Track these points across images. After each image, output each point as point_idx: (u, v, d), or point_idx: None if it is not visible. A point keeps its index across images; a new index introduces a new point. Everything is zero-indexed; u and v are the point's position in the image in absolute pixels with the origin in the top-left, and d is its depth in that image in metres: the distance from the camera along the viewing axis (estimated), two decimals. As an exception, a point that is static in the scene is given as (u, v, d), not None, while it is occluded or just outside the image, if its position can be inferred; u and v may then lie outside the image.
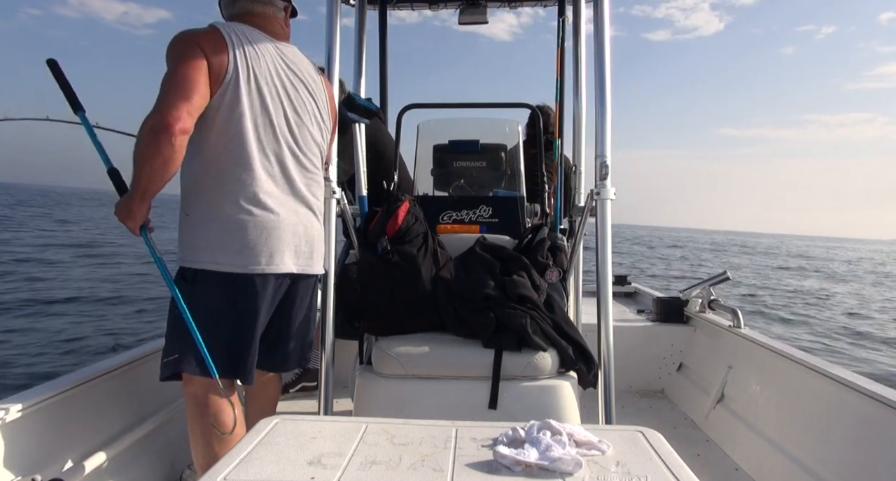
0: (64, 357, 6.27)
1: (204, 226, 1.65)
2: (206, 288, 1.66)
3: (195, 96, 1.54)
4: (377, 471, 1.02)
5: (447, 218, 2.53)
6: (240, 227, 1.65)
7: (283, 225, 1.72)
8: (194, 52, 1.57)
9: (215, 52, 1.60)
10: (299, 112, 1.79)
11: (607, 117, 2.06)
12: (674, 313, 3.43)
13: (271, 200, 1.70)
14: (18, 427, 1.60)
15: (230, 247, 1.64)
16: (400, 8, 3.00)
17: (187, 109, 1.52)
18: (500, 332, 1.86)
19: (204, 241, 1.64)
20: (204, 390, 1.66)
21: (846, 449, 1.96)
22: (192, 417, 1.69)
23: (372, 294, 2.09)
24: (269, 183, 1.70)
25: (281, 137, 1.74)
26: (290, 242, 1.74)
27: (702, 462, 2.43)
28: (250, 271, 1.67)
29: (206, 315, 1.65)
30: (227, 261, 1.64)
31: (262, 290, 1.70)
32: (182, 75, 1.54)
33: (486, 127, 2.88)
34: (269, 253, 1.69)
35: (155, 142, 1.48)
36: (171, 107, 1.50)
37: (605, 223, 2.03)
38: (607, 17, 2.14)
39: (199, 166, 1.66)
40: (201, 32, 1.64)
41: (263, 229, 1.67)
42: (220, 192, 1.65)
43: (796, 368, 2.31)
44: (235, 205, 1.65)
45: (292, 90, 1.77)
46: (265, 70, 1.70)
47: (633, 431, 1.22)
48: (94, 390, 1.91)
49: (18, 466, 1.58)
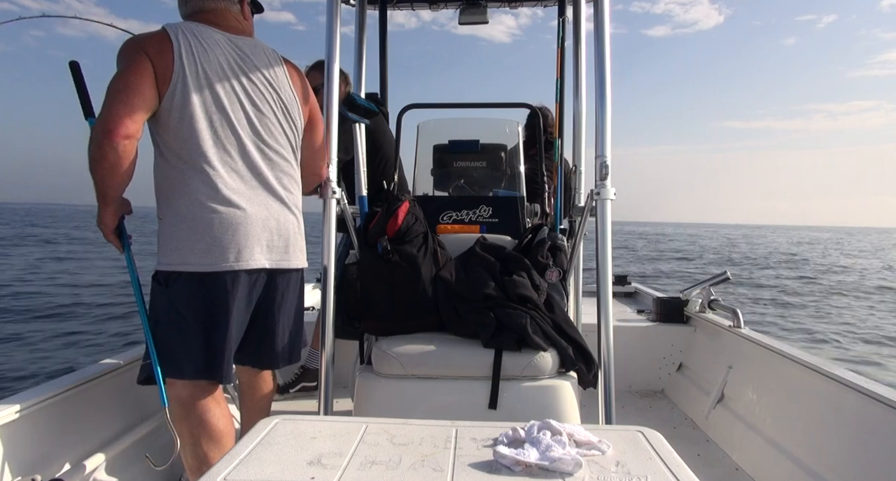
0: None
1: (172, 228, 1.66)
2: (178, 289, 1.65)
3: (137, 100, 1.56)
4: (377, 471, 1.02)
5: (447, 218, 2.53)
6: (205, 226, 1.64)
7: (252, 220, 1.70)
8: (138, 56, 1.59)
9: (160, 53, 1.61)
10: (259, 104, 1.77)
11: (607, 117, 2.06)
12: (674, 313, 3.43)
13: (236, 196, 1.69)
14: (18, 427, 1.60)
15: (198, 247, 1.64)
16: (400, 8, 3.00)
17: (128, 114, 1.54)
18: (500, 332, 1.86)
19: (174, 243, 1.65)
20: (188, 391, 1.67)
21: (846, 449, 1.95)
22: (179, 418, 1.69)
23: (372, 294, 2.09)
24: (233, 179, 1.69)
25: (242, 132, 1.72)
26: (261, 237, 1.73)
27: (702, 462, 2.43)
28: (219, 269, 1.65)
29: (178, 316, 1.65)
30: (196, 261, 1.64)
31: (234, 288, 1.68)
32: (124, 81, 1.56)
33: (486, 127, 2.88)
34: (238, 249, 1.67)
35: (99, 148, 1.52)
36: (112, 113, 1.53)
37: (605, 223, 2.02)
38: (607, 17, 2.14)
39: (161, 169, 1.68)
40: (147, 36, 1.65)
41: (230, 225, 1.66)
42: (182, 193, 1.65)
43: (796, 368, 2.31)
44: (199, 204, 1.64)
45: (249, 83, 1.75)
46: (216, 65, 1.69)
47: (633, 431, 1.22)
48: (94, 390, 1.91)
49: (18, 466, 1.58)
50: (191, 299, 1.66)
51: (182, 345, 1.65)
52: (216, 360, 1.68)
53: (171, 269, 1.65)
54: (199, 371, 1.67)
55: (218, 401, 1.72)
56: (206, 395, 1.69)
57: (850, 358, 8.22)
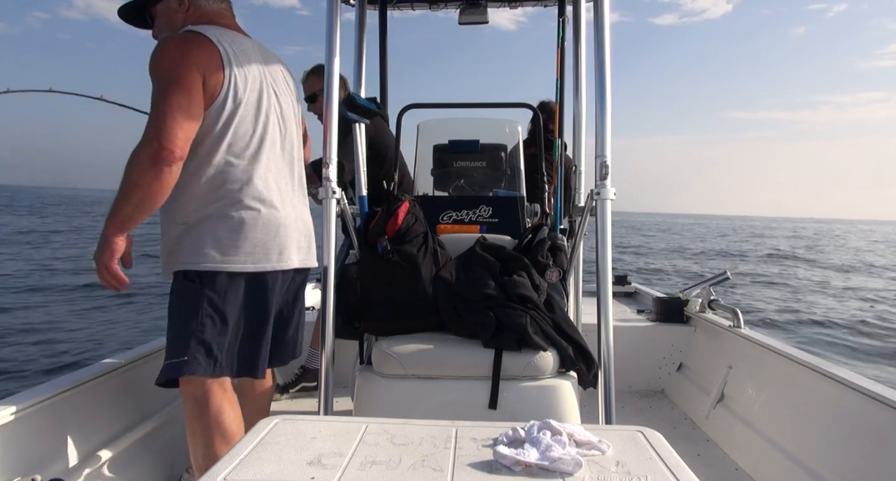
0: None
1: (208, 228, 1.64)
2: (218, 287, 1.65)
3: (193, 122, 1.52)
4: (377, 471, 1.02)
5: (447, 218, 2.53)
6: (250, 226, 1.66)
7: (288, 221, 1.74)
8: (190, 73, 1.53)
9: (209, 62, 1.58)
10: (283, 105, 1.80)
11: (607, 117, 2.06)
12: (674, 313, 3.43)
13: (275, 197, 1.71)
14: (18, 427, 1.60)
15: (243, 247, 1.65)
16: (400, 7, 3.00)
17: (186, 138, 1.50)
18: (500, 332, 1.86)
19: (211, 242, 1.63)
20: (203, 390, 1.66)
21: (846, 449, 1.95)
22: (193, 417, 1.68)
23: (372, 294, 2.09)
24: (271, 179, 1.72)
25: (276, 133, 1.75)
26: (294, 238, 1.77)
27: (702, 462, 2.43)
28: (262, 269, 1.68)
29: (218, 314, 1.64)
30: (241, 260, 1.65)
31: (273, 287, 1.73)
32: (185, 100, 1.51)
33: (486, 127, 2.88)
34: (279, 250, 1.71)
35: (154, 169, 1.46)
36: (173, 136, 1.47)
37: (605, 223, 2.02)
38: (607, 17, 2.14)
39: (194, 172, 1.63)
40: (193, 45, 1.59)
41: (271, 226, 1.69)
42: (224, 195, 1.64)
43: (796, 368, 2.31)
44: (241, 204, 1.65)
45: (274, 85, 1.78)
46: (254, 70, 1.70)
47: (633, 431, 1.22)
48: (94, 390, 1.91)
49: (18, 466, 1.58)
50: (234, 297, 1.66)
51: (220, 342, 1.64)
52: (256, 357, 1.72)
53: (207, 268, 1.63)
54: (239, 368, 1.70)
55: (232, 403, 1.71)
56: (221, 395, 1.68)
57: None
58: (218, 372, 1.66)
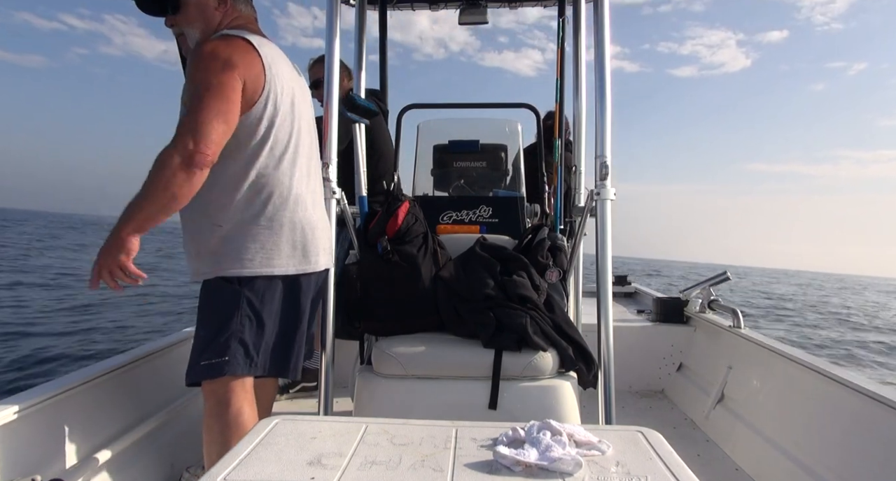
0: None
1: (249, 233, 1.64)
2: (255, 289, 1.65)
3: (229, 127, 1.51)
4: (377, 471, 1.02)
5: (447, 218, 2.53)
6: (289, 230, 1.68)
7: (321, 224, 1.79)
8: (232, 76, 1.52)
9: (249, 66, 1.57)
10: (310, 113, 1.85)
11: (607, 117, 2.06)
12: (674, 313, 3.43)
13: (309, 200, 1.75)
14: (18, 427, 1.60)
15: (282, 250, 1.67)
16: (400, 8, 3.00)
17: (220, 142, 1.49)
18: (500, 332, 1.86)
19: (253, 247, 1.64)
20: (226, 389, 1.65)
21: (846, 449, 1.95)
22: (213, 416, 1.66)
23: (372, 294, 2.09)
24: (306, 183, 1.75)
25: (307, 137, 1.78)
26: (323, 240, 1.80)
27: (702, 462, 2.43)
28: (301, 271, 1.71)
29: (257, 316, 1.65)
30: (280, 264, 1.67)
31: (307, 289, 1.76)
32: (225, 105, 1.49)
33: (486, 127, 2.88)
34: (316, 252, 1.75)
35: (187, 170, 1.44)
36: (210, 140, 1.45)
37: (605, 223, 2.03)
38: (607, 17, 2.14)
39: (230, 176, 1.62)
40: (234, 49, 1.57)
41: (308, 229, 1.72)
42: (259, 199, 1.65)
43: (796, 368, 2.31)
44: (283, 208, 1.67)
45: (301, 91, 1.80)
46: (286, 73, 1.72)
47: (632, 431, 1.22)
48: (94, 390, 1.90)
49: (18, 466, 1.58)
50: (271, 300, 1.68)
51: (258, 343, 1.66)
52: (288, 358, 1.74)
53: (250, 273, 1.63)
54: (273, 368, 1.72)
55: (251, 404, 1.71)
56: (243, 395, 1.67)
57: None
58: (254, 371, 1.67)
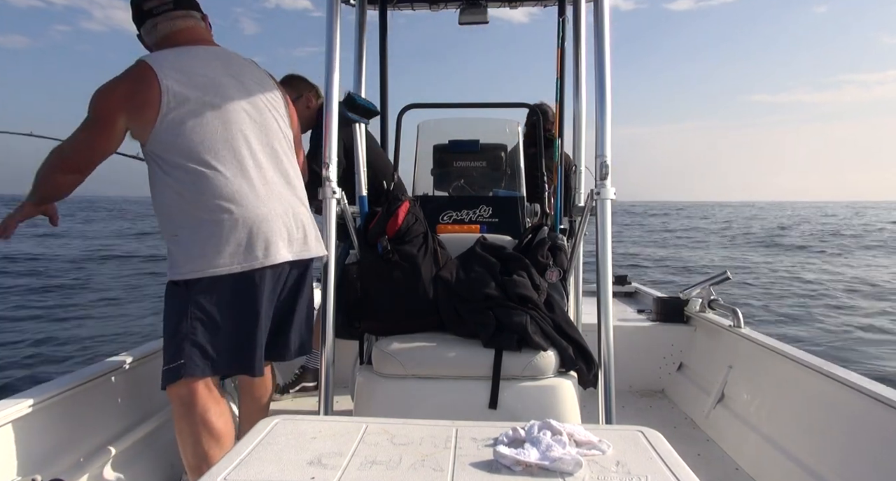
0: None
1: (193, 237, 1.67)
2: (201, 290, 1.67)
3: (98, 157, 1.72)
4: (377, 471, 1.02)
5: (447, 218, 2.53)
6: (229, 228, 1.67)
7: (272, 215, 1.74)
8: (112, 113, 1.66)
9: (140, 98, 1.65)
10: (255, 104, 1.82)
11: (607, 117, 2.06)
12: (674, 313, 3.43)
13: (252, 194, 1.72)
14: (18, 426, 1.60)
15: (225, 250, 1.66)
16: (400, 8, 3.00)
17: (86, 169, 1.72)
18: (500, 332, 1.86)
19: (198, 250, 1.66)
20: (188, 390, 1.67)
21: (846, 449, 1.95)
22: (181, 418, 1.70)
23: (372, 294, 2.09)
24: (246, 178, 1.73)
25: (246, 132, 1.76)
26: (282, 231, 1.77)
27: (702, 462, 2.43)
28: (249, 267, 1.69)
29: (208, 317, 1.67)
30: (225, 263, 1.66)
31: (261, 284, 1.73)
32: (91, 135, 1.69)
33: (486, 127, 2.88)
34: (264, 246, 1.71)
35: (56, 174, 1.74)
36: (74, 162, 1.72)
37: (605, 223, 2.02)
38: (607, 17, 2.14)
39: (167, 186, 1.69)
40: (128, 82, 1.67)
41: (252, 224, 1.70)
42: (198, 202, 1.67)
43: (796, 368, 2.31)
44: (218, 208, 1.67)
45: (238, 85, 1.80)
46: (210, 79, 1.73)
47: (633, 431, 1.22)
48: (95, 390, 1.91)
49: (19, 466, 1.58)
50: (220, 299, 1.69)
51: (214, 343, 1.68)
52: (251, 355, 1.74)
53: (195, 276, 1.66)
54: (236, 366, 1.73)
55: (217, 401, 1.74)
56: (206, 394, 1.70)
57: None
58: (216, 371, 1.69)
